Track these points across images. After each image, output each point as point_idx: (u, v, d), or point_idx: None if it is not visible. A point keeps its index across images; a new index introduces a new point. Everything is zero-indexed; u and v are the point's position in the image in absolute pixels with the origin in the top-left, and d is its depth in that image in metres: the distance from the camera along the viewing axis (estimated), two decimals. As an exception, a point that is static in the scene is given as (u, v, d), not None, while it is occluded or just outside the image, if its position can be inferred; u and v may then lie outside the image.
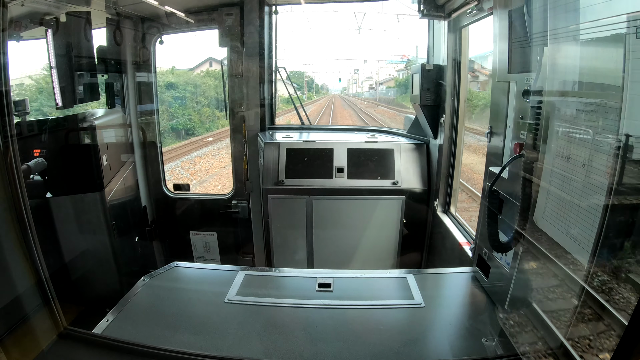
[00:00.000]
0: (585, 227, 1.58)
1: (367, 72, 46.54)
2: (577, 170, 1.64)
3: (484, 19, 3.39)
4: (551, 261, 1.79)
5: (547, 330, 1.78)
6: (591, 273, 1.53)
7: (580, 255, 1.60)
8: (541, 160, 1.94)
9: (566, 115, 1.74)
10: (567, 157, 1.71)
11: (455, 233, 3.91)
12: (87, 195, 4.37)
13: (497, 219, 2.41)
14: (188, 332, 2.35)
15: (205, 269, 3.35)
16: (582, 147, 1.61)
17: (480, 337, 2.22)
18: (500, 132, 2.67)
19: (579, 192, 1.62)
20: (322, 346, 2.19)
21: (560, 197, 1.76)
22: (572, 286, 1.65)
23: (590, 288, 1.52)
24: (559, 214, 1.76)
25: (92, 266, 4.53)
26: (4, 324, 1.99)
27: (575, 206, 1.65)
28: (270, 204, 4.63)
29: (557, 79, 1.83)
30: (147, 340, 2.20)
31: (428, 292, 2.70)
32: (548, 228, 1.84)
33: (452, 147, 4.22)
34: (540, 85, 1.99)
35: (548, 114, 1.90)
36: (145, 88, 5.61)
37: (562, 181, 1.75)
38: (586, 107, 1.61)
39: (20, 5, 3.41)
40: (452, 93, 4.08)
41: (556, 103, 1.81)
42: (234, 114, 5.43)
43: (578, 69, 1.73)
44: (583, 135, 1.61)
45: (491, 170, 2.62)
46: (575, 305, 1.62)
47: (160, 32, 5.46)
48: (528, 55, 2.21)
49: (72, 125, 4.43)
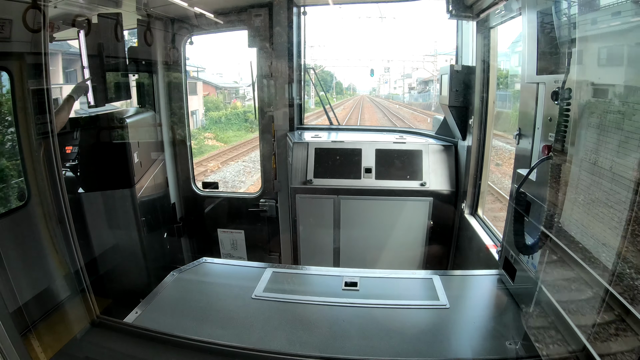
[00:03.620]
0: (613, 231, 1.56)
1: (405, 69, 37.11)
2: (606, 173, 1.62)
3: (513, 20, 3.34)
4: (578, 265, 1.77)
5: (572, 335, 1.76)
6: (619, 278, 1.50)
7: (608, 259, 1.58)
8: (569, 162, 1.92)
9: (595, 117, 1.72)
10: (596, 160, 1.69)
11: (482, 236, 3.87)
12: (118, 192, 4.50)
13: (523, 222, 2.39)
14: (215, 325, 2.41)
15: (233, 265, 3.41)
16: (611, 150, 1.59)
17: (504, 339, 2.21)
18: (528, 134, 2.65)
19: (608, 196, 1.60)
20: (347, 343, 2.22)
21: (588, 200, 1.74)
22: (598, 291, 1.63)
23: (617, 293, 1.50)
24: (587, 217, 1.74)
25: (122, 260, 4.67)
26: (40, 311, 2.10)
27: (604, 210, 1.62)
28: (299, 203, 4.68)
29: (585, 80, 1.81)
30: (175, 331, 2.28)
31: (453, 294, 2.69)
32: (575, 231, 1.82)
33: (480, 149, 4.17)
34: (569, 87, 1.96)
35: (576, 116, 1.88)
36: (176, 88, 5.73)
37: (590, 184, 1.72)
38: (617, 108, 1.59)
39: (52, 7, 3.53)
40: (481, 94, 4.03)
41: (585, 105, 1.79)
42: (263, 114, 5.49)
43: (608, 70, 1.71)
44: (612, 137, 1.59)
45: (519, 173, 2.60)
46: (602, 311, 1.60)
47: (190, 33, 5.56)
48: (557, 56, 2.19)
49: (104, 123, 4.56)
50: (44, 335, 2.04)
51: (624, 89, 1.62)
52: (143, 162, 4.94)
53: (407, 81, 38.47)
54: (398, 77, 40.33)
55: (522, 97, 2.80)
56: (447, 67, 4.30)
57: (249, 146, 17.50)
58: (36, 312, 2.14)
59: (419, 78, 35.23)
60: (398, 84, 41.39)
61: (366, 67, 37.38)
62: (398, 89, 41.81)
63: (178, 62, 5.65)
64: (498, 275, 2.88)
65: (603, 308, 1.58)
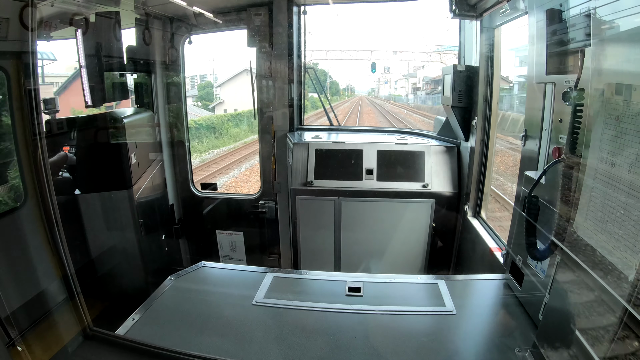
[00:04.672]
0: (629, 239, 1.49)
1: (408, 68, 33.90)
2: (623, 177, 1.56)
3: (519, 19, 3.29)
4: (591, 272, 1.71)
5: (582, 344, 1.70)
6: (637, 288, 1.44)
7: (625, 267, 1.52)
8: (583, 165, 1.86)
9: (611, 118, 1.65)
10: (612, 162, 1.62)
11: (486, 238, 3.82)
12: (115, 193, 4.45)
13: (535, 226, 2.33)
14: (215, 334, 2.35)
15: (232, 269, 3.34)
16: (629, 153, 1.53)
17: (512, 347, 2.15)
18: (535, 136, 2.59)
19: (624, 201, 1.54)
20: (352, 353, 2.15)
21: (603, 204, 1.67)
22: (612, 300, 1.57)
23: (632, 304, 1.44)
24: (602, 222, 1.68)
25: (119, 263, 4.61)
26: (29, 320, 2.03)
27: (620, 215, 1.56)
28: (299, 205, 4.62)
29: (600, 80, 1.75)
30: (172, 341, 2.21)
31: (459, 299, 2.63)
32: (589, 237, 1.75)
33: (484, 150, 4.11)
34: (582, 87, 1.90)
35: (590, 117, 1.81)
36: (174, 88, 5.68)
37: (605, 187, 1.66)
38: (635, 109, 1.52)
39: (50, 5, 3.47)
40: (485, 95, 3.98)
41: (600, 105, 1.73)
42: (262, 114, 5.44)
43: (626, 70, 1.65)
44: (630, 139, 1.53)
45: (527, 175, 2.54)
46: (615, 322, 1.53)
47: (189, 32, 5.51)
48: (568, 55, 2.13)
49: (101, 124, 4.51)
50: (31, 347, 1.96)
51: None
52: (141, 163, 4.88)
53: (412, 81, 35.92)
54: (399, 76, 38.35)
55: (528, 98, 2.74)
56: (450, 67, 4.24)
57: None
58: (24, 322, 2.06)
59: (426, 77, 33.13)
60: (400, 84, 39.17)
61: (366, 62, 33.40)
62: (400, 90, 39.44)
63: (177, 61, 5.60)
64: (505, 280, 2.82)
65: (618, 319, 1.52)
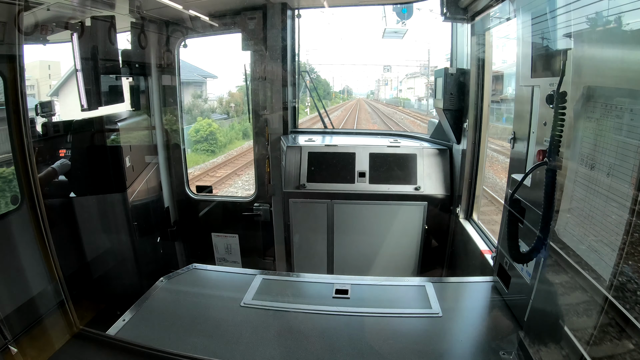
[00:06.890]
0: (609, 240, 1.50)
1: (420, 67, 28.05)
2: (603, 179, 1.57)
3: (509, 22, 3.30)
4: (574, 273, 1.72)
5: (569, 345, 1.70)
6: (617, 286, 1.45)
7: (605, 267, 1.52)
8: (564, 168, 1.87)
9: (591, 122, 1.66)
10: (592, 165, 1.63)
11: (477, 240, 3.82)
12: (109, 196, 4.46)
13: (517, 229, 2.34)
14: (203, 334, 2.36)
15: (223, 271, 3.35)
16: (607, 156, 1.54)
17: (498, 350, 2.15)
18: (523, 138, 2.60)
19: (604, 203, 1.55)
20: (337, 354, 2.16)
21: (583, 207, 1.68)
22: (594, 300, 1.58)
23: (615, 301, 1.45)
24: (582, 225, 1.69)
25: (114, 265, 4.63)
26: (20, 324, 2.03)
27: (600, 218, 1.57)
28: (292, 208, 4.64)
29: (581, 83, 1.76)
30: (161, 342, 2.22)
31: (446, 302, 2.64)
32: (570, 239, 1.76)
33: (475, 153, 4.12)
34: (564, 89, 1.91)
35: (572, 120, 1.82)
36: (170, 91, 5.69)
37: (586, 191, 1.67)
38: (613, 111, 1.53)
39: (45, 9, 3.49)
40: (476, 97, 3.99)
41: (581, 108, 1.74)
42: (257, 117, 5.45)
43: (605, 73, 1.66)
44: (609, 143, 1.54)
45: (514, 178, 2.55)
46: (598, 321, 1.54)
47: (184, 36, 5.53)
48: (552, 58, 2.14)
49: (95, 127, 4.52)
50: (22, 348, 1.97)
51: (621, 92, 1.56)
52: (135, 166, 4.89)
53: (423, 81, 29.61)
54: (403, 76, 33.95)
55: (516, 101, 2.76)
56: (442, 70, 4.26)
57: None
58: (16, 326, 2.07)
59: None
60: (406, 85, 34.13)
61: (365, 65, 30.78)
62: (405, 92, 34.08)
63: (172, 65, 5.61)
64: (492, 282, 2.83)
65: (601, 317, 1.52)
